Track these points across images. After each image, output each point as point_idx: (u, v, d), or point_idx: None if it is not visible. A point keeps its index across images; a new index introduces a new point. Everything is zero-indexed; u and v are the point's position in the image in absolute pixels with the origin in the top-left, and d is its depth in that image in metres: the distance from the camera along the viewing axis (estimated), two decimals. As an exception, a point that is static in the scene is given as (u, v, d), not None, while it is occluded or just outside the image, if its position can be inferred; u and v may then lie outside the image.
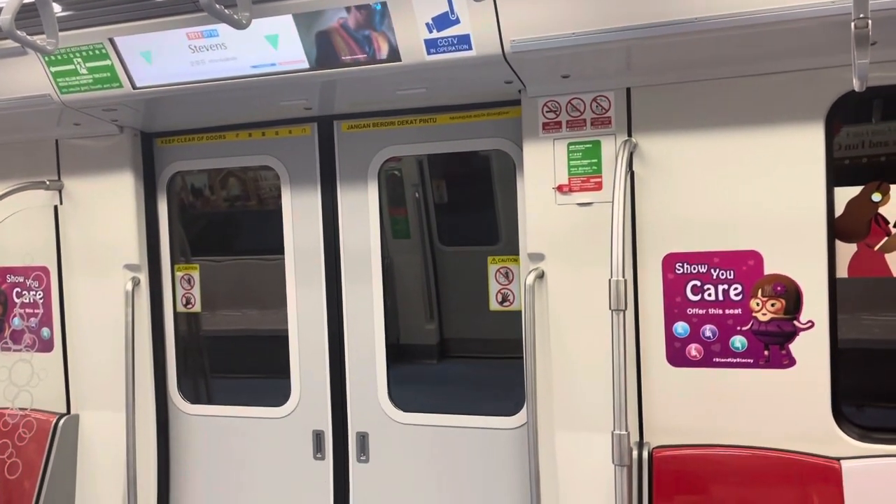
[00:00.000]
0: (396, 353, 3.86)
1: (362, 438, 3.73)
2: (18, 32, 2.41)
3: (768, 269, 2.87)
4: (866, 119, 2.97)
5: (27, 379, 4.01)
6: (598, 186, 3.05)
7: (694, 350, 2.98)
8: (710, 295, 2.94)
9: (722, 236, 2.91)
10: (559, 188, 3.10)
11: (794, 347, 2.86)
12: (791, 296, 2.84)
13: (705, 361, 2.96)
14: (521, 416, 3.44)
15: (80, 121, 3.62)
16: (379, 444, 3.71)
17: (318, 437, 3.80)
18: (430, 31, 2.79)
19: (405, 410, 3.67)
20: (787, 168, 2.81)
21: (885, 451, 2.78)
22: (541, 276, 3.14)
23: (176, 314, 4.05)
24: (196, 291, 4.05)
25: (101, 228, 3.85)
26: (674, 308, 2.98)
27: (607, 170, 3.03)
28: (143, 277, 3.87)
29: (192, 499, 4.03)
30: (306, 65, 3.00)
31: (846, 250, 2.85)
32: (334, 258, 3.72)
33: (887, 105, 2.95)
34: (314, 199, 3.73)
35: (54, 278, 3.98)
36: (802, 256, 2.82)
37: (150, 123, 3.82)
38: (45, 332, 4.02)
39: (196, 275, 4.05)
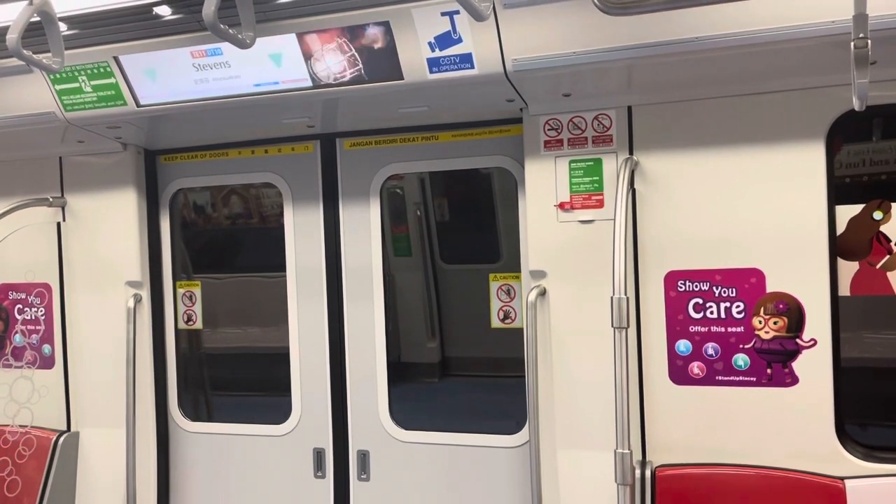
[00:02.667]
0: (398, 371, 3.84)
1: (363, 457, 3.71)
2: (24, 51, 2.43)
3: (770, 287, 2.86)
4: (867, 137, 2.97)
5: (28, 396, 4.00)
6: (600, 204, 3.06)
7: (696, 368, 2.97)
8: (712, 313, 2.94)
9: (724, 254, 2.91)
10: (561, 205, 3.10)
11: (797, 366, 2.85)
12: (793, 314, 2.84)
13: (708, 380, 2.95)
14: (522, 435, 3.42)
15: (84, 138, 3.64)
16: (380, 463, 3.69)
17: (318, 455, 3.78)
18: (433, 50, 2.81)
19: (406, 429, 3.66)
20: (789, 186, 2.82)
21: (890, 470, 2.76)
22: (542, 293, 3.13)
23: (177, 331, 4.04)
24: (198, 308, 4.05)
25: (103, 245, 3.86)
26: (676, 326, 2.98)
27: (609, 187, 3.03)
28: (145, 294, 3.87)
29: (191, 517, 4.01)
30: (309, 83, 3.02)
31: (848, 268, 2.84)
32: (336, 275, 3.72)
33: (888, 123, 2.96)
34: (316, 217, 3.74)
35: (56, 295, 3.98)
36: (804, 274, 2.82)
37: (153, 141, 3.84)
38: (46, 348, 4.01)
39: (198, 292, 4.05)
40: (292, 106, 3.21)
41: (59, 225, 3.95)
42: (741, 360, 2.91)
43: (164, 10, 2.91)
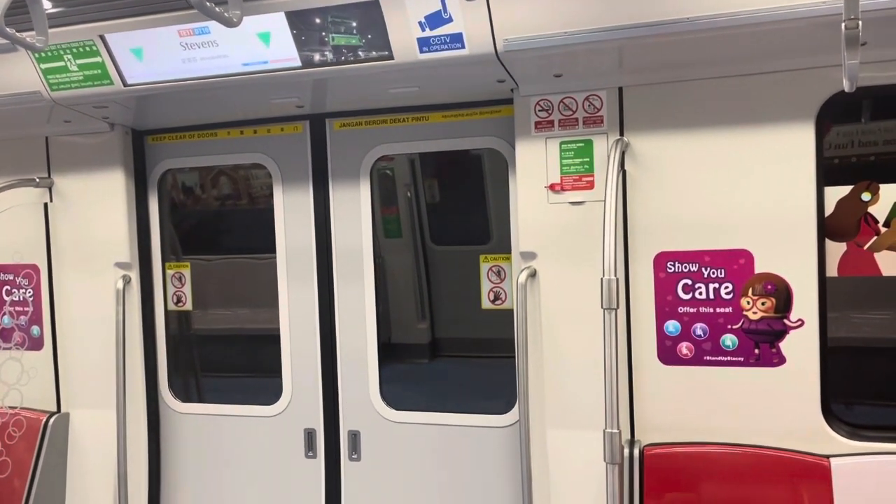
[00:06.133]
0: (388, 351, 3.85)
1: (354, 437, 3.73)
2: (8, 29, 2.39)
3: (759, 268, 2.88)
4: (856, 119, 2.98)
5: (17, 377, 3.99)
6: (591, 185, 3.06)
7: (685, 348, 2.99)
8: (701, 294, 2.95)
9: (713, 235, 2.92)
10: (551, 187, 3.10)
11: (785, 346, 2.87)
12: (781, 294, 2.86)
13: (696, 360, 2.98)
14: (512, 415, 3.44)
15: (71, 118, 3.60)
16: (371, 443, 3.71)
17: (309, 435, 3.79)
18: (423, 30, 2.79)
19: (397, 409, 3.67)
20: (778, 167, 2.83)
21: (875, 448, 2.80)
22: (533, 274, 3.14)
23: (167, 312, 4.03)
24: (187, 290, 4.04)
25: (91, 226, 3.83)
26: (665, 307, 2.99)
27: (599, 169, 3.03)
28: (134, 275, 3.86)
29: (182, 497, 4.02)
30: (298, 63, 2.99)
31: (836, 249, 2.86)
32: (326, 257, 3.71)
33: (877, 105, 2.97)
34: (306, 198, 3.72)
35: (44, 276, 3.96)
36: (793, 255, 2.84)
37: (140, 121, 3.81)
38: (34, 330, 4.00)
39: (187, 273, 4.03)
40: (281, 86, 3.18)
41: (45, 205, 3.91)
42: (729, 340, 2.94)
43: (150, -12, 2.88)
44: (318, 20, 2.86)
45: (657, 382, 3.02)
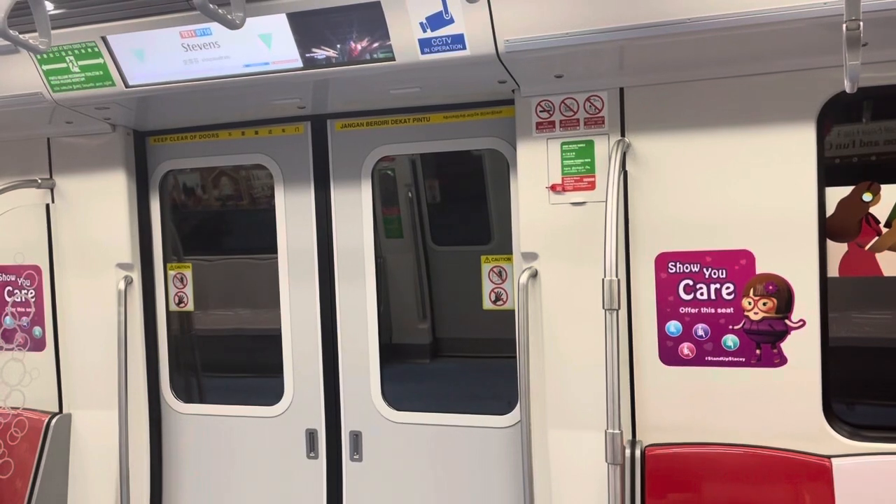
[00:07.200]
0: (389, 352, 3.86)
1: (355, 437, 3.73)
2: (11, 32, 2.40)
3: (760, 269, 2.88)
4: (857, 119, 2.98)
5: (19, 378, 3.99)
6: (592, 186, 3.06)
7: (686, 349, 2.99)
8: (702, 294, 2.96)
9: (714, 236, 2.92)
10: (553, 187, 3.10)
11: (786, 346, 2.87)
12: (783, 295, 2.86)
13: (698, 360, 2.98)
14: (514, 415, 3.44)
15: (73, 119, 3.61)
16: (372, 443, 3.71)
17: (311, 436, 3.80)
18: (424, 31, 2.79)
19: (398, 409, 3.68)
20: (779, 168, 2.83)
21: (876, 448, 2.80)
22: (534, 275, 3.14)
23: (168, 313, 4.03)
24: (189, 290, 4.04)
25: (93, 227, 3.84)
26: (666, 307, 3.00)
27: (601, 169, 3.03)
28: (136, 276, 3.86)
29: (184, 498, 4.03)
30: (300, 64, 3.00)
31: (837, 250, 2.86)
32: (327, 257, 3.72)
33: (878, 105, 2.97)
34: (307, 199, 3.73)
35: (46, 277, 3.96)
36: (794, 256, 2.84)
37: (142, 122, 3.81)
38: (36, 331, 4.00)
39: (188, 274, 4.04)
40: (283, 87, 3.19)
41: (47, 206, 3.92)
42: (731, 340, 2.94)
43: (152, -10, 2.88)
44: (319, 21, 2.86)
45: (658, 383, 3.02)
